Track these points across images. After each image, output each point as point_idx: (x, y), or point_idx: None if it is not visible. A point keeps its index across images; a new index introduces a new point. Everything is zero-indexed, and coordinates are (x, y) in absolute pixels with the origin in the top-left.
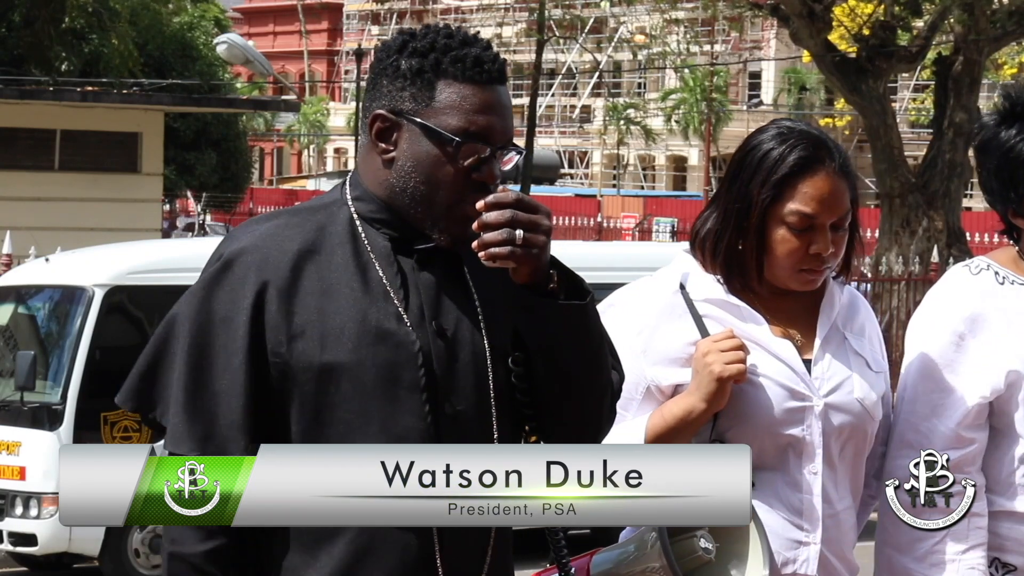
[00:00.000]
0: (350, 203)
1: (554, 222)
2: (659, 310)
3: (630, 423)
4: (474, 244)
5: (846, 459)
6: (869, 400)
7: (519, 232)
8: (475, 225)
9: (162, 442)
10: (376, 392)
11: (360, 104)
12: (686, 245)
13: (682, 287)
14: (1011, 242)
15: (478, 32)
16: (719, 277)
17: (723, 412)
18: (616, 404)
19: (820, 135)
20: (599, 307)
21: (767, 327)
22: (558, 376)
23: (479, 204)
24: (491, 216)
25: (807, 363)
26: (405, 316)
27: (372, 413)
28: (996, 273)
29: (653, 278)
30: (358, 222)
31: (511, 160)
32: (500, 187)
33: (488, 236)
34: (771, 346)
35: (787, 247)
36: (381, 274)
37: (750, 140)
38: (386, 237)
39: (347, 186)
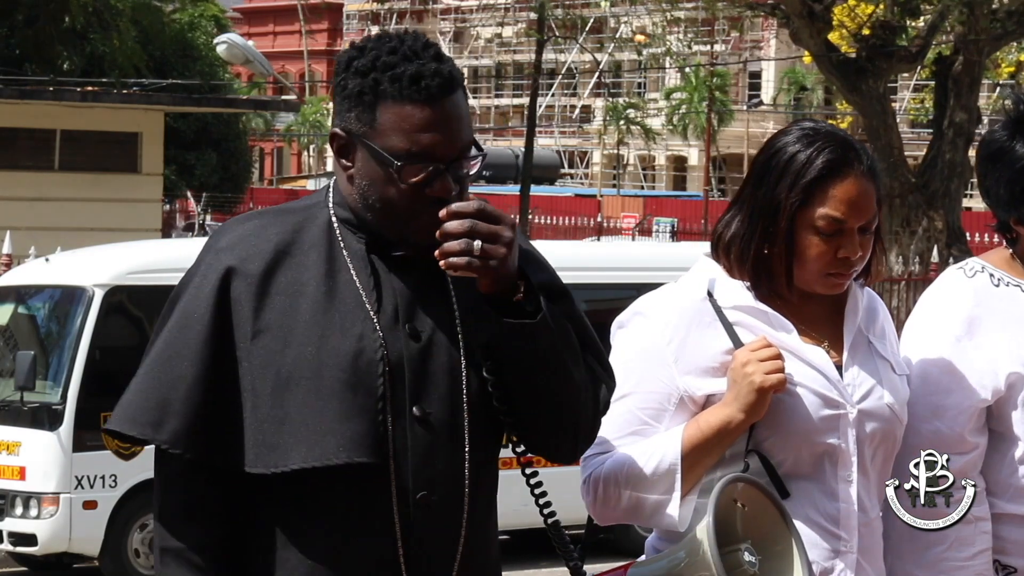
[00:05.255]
0: (331, 206)
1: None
2: (688, 318)
3: (665, 435)
4: (436, 253)
5: (876, 465)
6: (898, 405)
7: (477, 243)
8: (437, 233)
9: None
10: (335, 394)
11: None
12: (707, 248)
13: (709, 294)
14: (1004, 243)
15: (427, 40)
16: (746, 283)
17: (760, 422)
18: (599, 417)
19: (846, 137)
20: (624, 315)
21: (796, 334)
22: (522, 384)
23: (441, 212)
24: (451, 225)
25: (837, 369)
26: (376, 320)
27: (327, 415)
28: (991, 275)
29: (678, 285)
30: (336, 225)
31: (474, 165)
32: (467, 195)
33: (447, 245)
34: (804, 353)
35: (816, 251)
36: (354, 277)
37: (774, 142)
38: (362, 241)
39: (331, 189)
